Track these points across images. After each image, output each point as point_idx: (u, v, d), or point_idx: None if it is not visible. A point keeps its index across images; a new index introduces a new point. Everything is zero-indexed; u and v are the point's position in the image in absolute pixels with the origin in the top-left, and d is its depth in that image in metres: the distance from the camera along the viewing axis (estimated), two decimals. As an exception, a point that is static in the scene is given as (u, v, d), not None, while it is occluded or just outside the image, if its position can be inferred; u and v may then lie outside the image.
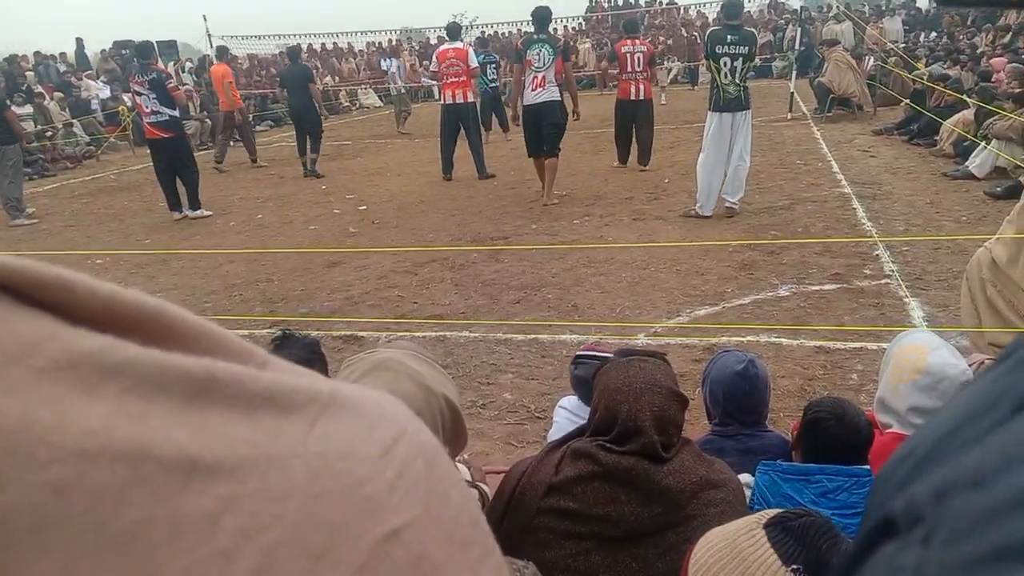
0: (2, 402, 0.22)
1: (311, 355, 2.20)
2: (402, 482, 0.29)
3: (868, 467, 1.70)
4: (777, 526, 1.17)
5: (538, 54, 7.73)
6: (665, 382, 1.61)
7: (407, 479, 0.30)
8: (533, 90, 7.80)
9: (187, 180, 8.74)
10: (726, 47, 6.63)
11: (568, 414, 2.43)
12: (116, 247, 7.65)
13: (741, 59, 6.64)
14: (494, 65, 12.69)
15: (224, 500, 0.25)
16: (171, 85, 8.44)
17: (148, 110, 8.38)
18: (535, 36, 7.89)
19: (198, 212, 8.77)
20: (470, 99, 9.78)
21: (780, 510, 1.24)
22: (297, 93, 11.04)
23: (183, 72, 19.59)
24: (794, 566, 1.12)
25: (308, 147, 11.16)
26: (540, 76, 7.75)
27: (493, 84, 12.51)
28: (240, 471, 0.26)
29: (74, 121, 15.82)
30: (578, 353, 2.38)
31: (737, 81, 6.68)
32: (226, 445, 0.26)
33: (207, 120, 15.96)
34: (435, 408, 1.37)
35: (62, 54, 20.64)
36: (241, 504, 0.25)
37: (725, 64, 6.65)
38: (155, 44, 9.33)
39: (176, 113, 8.52)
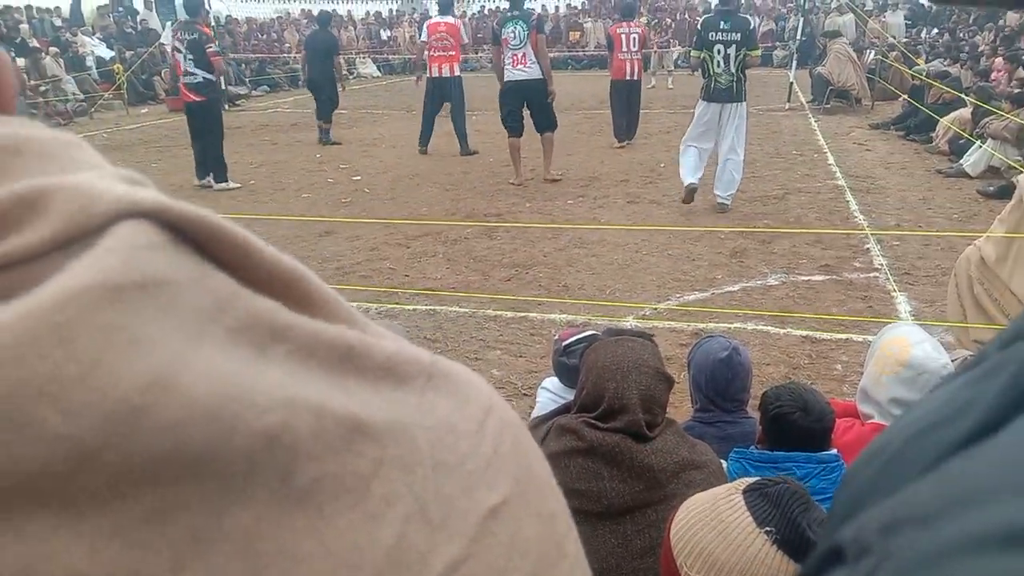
0: (210, 358, 0.23)
1: None
2: (496, 459, 0.30)
3: (835, 452, 1.73)
4: (754, 491, 1.22)
5: (513, 31, 7.62)
6: (652, 362, 1.64)
7: (500, 455, 0.30)
8: (514, 66, 7.71)
9: (212, 149, 8.26)
10: (718, 34, 6.47)
11: (550, 395, 2.45)
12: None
13: (734, 46, 6.44)
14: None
15: (374, 463, 0.26)
16: (211, 50, 8.10)
17: (183, 69, 8.08)
18: (509, 13, 7.81)
19: (223, 184, 8.26)
20: (456, 73, 9.74)
21: (759, 478, 1.28)
22: (318, 61, 10.80)
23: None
24: (768, 528, 1.18)
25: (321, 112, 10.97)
26: (520, 53, 7.65)
27: None
28: (384, 436, 0.27)
29: (66, 77, 15.61)
30: (565, 342, 2.38)
31: (731, 70, 6.47)
32: (371, 411, 0.27)
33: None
34: None
35: (56, 8, 20.33)
36: (385, 470, 0.26)
37: (718, 52, 6.46)
38: (204, 1, 8.98)
39: (212, 77, 8.15)
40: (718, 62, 6.50)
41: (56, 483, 0.21)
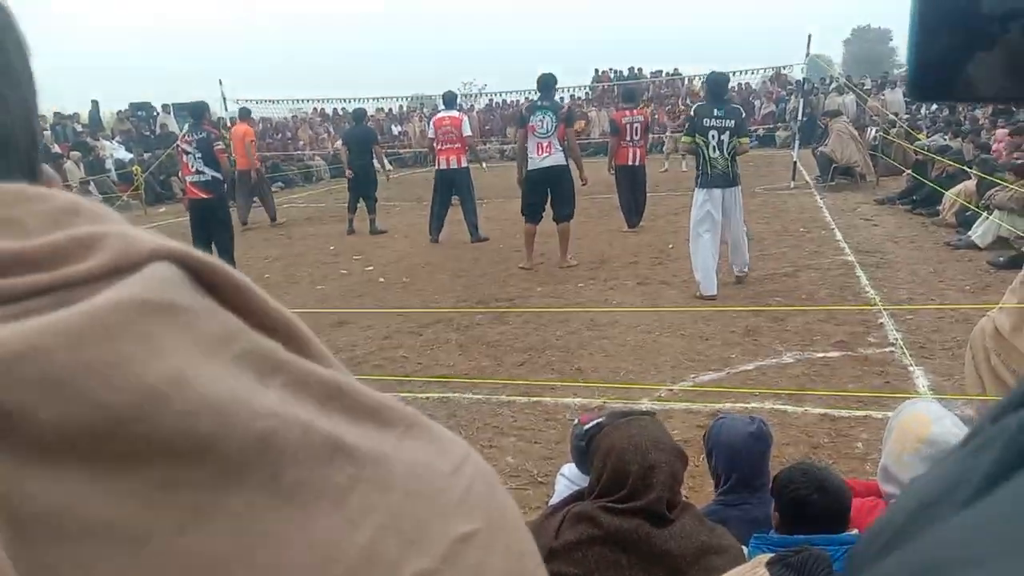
0: (218, 371, 0.29)
1: None
2: (469, 496, 0.35)
3: (856, 532, 1.69)
4: (779, 563, 1.20)
5: (541, 120, 7.82)
6: (667, 439, 1.65)
7: (473, 495, 0.35)
8: (539, 155, 7.88)
9: (221, 243, 8.44)
10: (713, 120, 6.61)
11: (568, 482, 2.41)
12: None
13: (728, 132, 6.58)
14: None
15: (352, 479, 0.31)
16: (218, 147, 8.39)
17: (192, 169, 8.30)
18: (539, 103, 7.99)
19: None
20: (463, 164, 10.03)
21: (782, 550, 1.26)
22: (359, 153, 11.31)
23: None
24: None
25: (365, 208, 11.33)
26: (546, 142, 7.84)
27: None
28: (363, 459, 0.32)
29: (90, 179, 16.08)
30: (586, 427, 2.36)
31: (726, 155, 6.60)
32: (353, 438, 0.32)
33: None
34: None
35: (75, 114, 21.09)
36: (363, 486, 0.31)
37: (713, 137, 6.60)
38: (207, 105, 9.33)
39: (219, 175, 8.40)
40: (713, 147, 6.61)
41: (95, 443, 0.26)
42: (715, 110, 6.70)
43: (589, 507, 1.63)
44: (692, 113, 7.15)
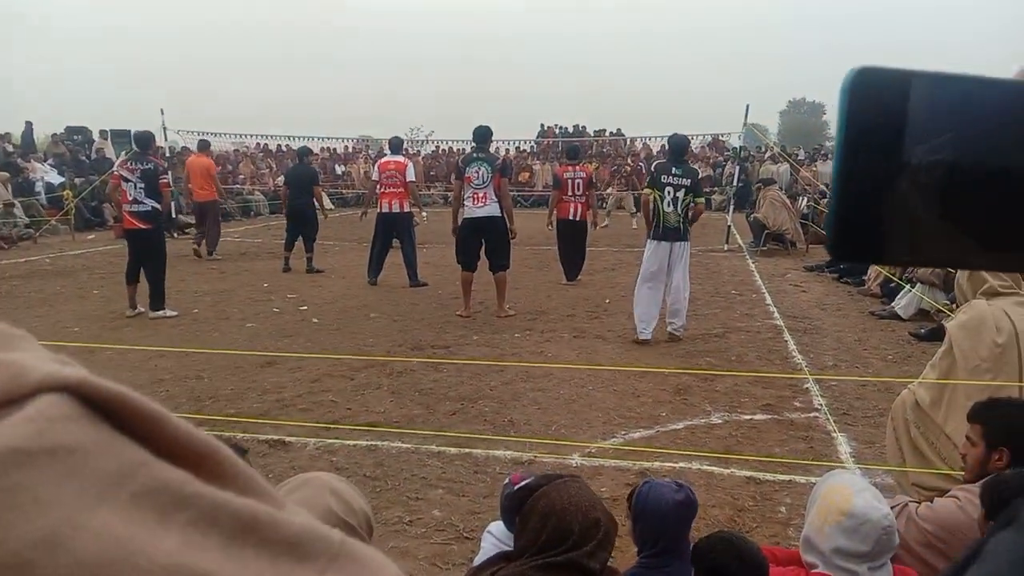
0: (105, 521, 0.26)
1: None
2: None
3: None
4: None
5: (477, 171, 7.89)
6: (601, 503, 1.68)
7: None
8: (474, 204, 7.93)
9: (153, 276, 8.18)
10: (671, 177, 6.94)
11: (495, 540, 2.36)
12: (42, 335, 7.36)
13: (683, 190, 6.93)
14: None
15: None
16: (164, 181, 8.19)
17: (131, 198, 8.04)
18: (475, 154, 8.07)
19: (159, 312, 8.13)
20: (406, 209, 10.10)
21: None
22: (299, 192, 11.25)
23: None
24: None
25: (303, 246, 11.26)
26: (482, 192, 7.89)
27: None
28: None
29: (15, 201, 15.51)
30: (517, 486, 2.32)
31: (679, 211, 6.94)
32: None
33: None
34: (361, 518, 1.41)
35: (7, 134, 20.44)
36: None
37: (668, 193, 6.92)
38: (154, 135, 9.07)
39: (159, 206, 8.19)
40: (668, 202, 6.94)
41: None
42: (673, 168, 7.04)
43: (519, 569, 1.61)
44: (652, 169, 7.50)
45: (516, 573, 1.60)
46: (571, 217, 10.18)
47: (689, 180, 6.98)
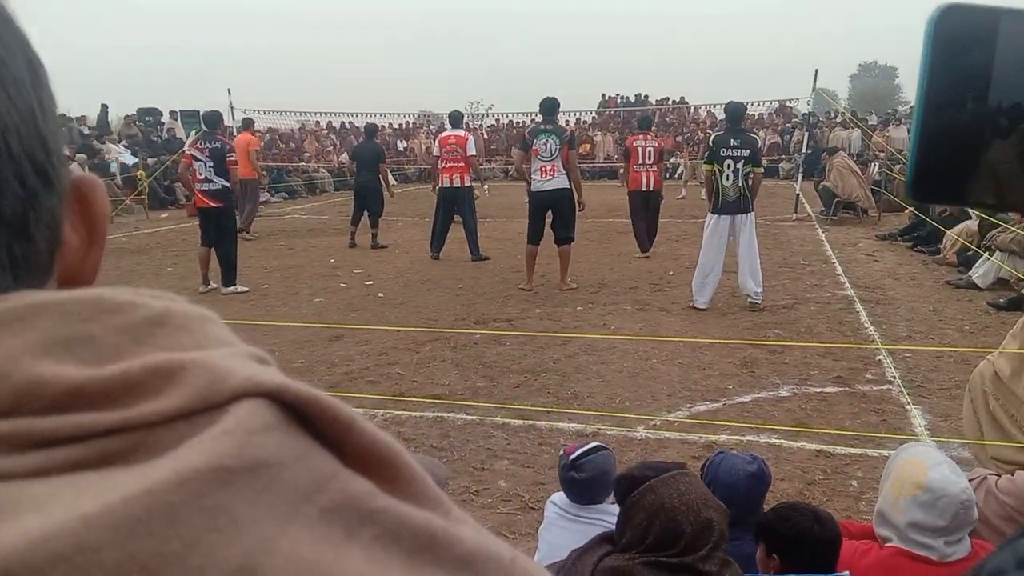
0: (296, 540, 0.26)
1: None
2: None
3: (847, 574, 1.69)
4: None
5: (544, 144, 7.85)
6: (713, 497, 1.65)
7: None
8: (542, 177, 7.91)
9: (224, 254, 8.38)
10: (729, 150, 6.82)
11: (558, 510, 2.37)
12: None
13: (743, 162, 6.81)
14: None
15: None
16: (231, 159, 8.35)
17: (202, 176, 8.25)
18: (542, 126, 8.03)
19: (231, 288, 8.35)
20: (467, 183, 10.10)
21: None
22: (366, 169, 11.43)
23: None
24: None
25: (368, 221, 11.39)
26: (549, 165, 7.86)
27: None
28: None
29: (92, 182, 16.06)
30: (572, 456, 2.31)
31: (739, 183, 6.82)
32: None
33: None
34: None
35: (82, 117, 21.17)
36: None
37: (728, 166, 6.80)
38: (222, 114, 9.27)
39: (228, 184, 8.35)
40: (727, 176, 6.82)
41: None
42: (732, 139, 6.90)
43: (625, 562, 1.59)
44: (711, 142, 7.28)
45: (626, 567, 1.58)
46: (644, 188, 10.00)
47: (748, 150, 6.86)
